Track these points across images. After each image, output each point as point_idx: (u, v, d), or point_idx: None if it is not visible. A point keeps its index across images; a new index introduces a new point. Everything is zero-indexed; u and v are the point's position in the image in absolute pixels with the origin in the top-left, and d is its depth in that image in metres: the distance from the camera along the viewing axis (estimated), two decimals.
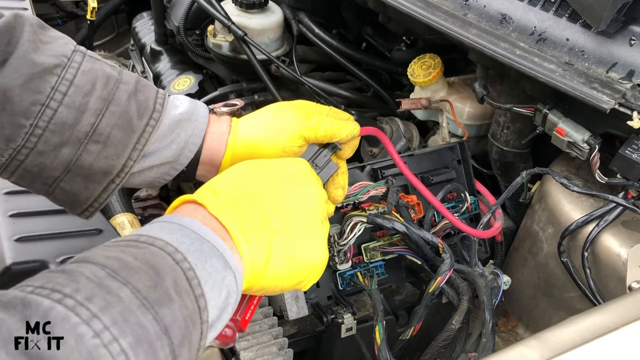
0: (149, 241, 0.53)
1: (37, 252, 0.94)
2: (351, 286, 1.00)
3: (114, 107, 0.71)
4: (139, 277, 0.49)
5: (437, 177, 1.06)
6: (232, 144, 0.80)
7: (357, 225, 0.94)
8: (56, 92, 0.67)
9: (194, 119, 0.78)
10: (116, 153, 0.71)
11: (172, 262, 0.52)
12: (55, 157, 0.69)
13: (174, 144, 0.76)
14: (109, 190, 0.73)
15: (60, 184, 0.71)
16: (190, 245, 0.55)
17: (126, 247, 0.52)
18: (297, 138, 0.79)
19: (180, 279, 0.51)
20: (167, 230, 0.56)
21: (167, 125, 0.76)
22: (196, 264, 0.53)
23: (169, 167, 0.78)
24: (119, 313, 0.46)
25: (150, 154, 0.75)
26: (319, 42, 1.42)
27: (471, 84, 1.23)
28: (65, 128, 0.68)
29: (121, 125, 0.71)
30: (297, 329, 1.04)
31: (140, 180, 0.77)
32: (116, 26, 2.23)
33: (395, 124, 1.31)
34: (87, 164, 0.70)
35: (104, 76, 0.72)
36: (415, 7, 1.06)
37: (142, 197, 1.48)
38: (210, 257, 0.55)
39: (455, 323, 0.89)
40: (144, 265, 0.50)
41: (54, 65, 0.68)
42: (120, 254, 0.51)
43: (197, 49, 1.52)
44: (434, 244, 0.94)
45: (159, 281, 0.50)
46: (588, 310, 0.69)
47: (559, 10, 0.95)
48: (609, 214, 0.94)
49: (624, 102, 0.84)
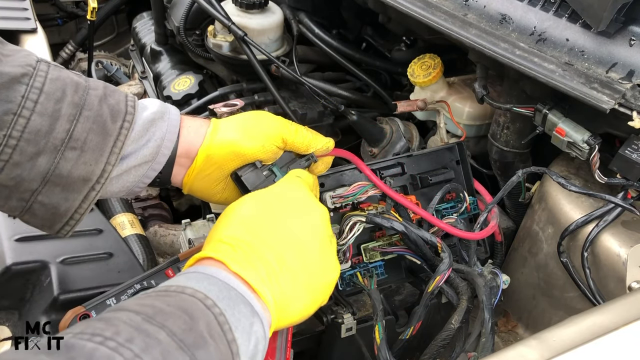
0: (179, 290, 0.56)
1: (37, 252, 0.94)
2: (351, 286, 1.00)
3: (87, 112, 0.70)
4: (174, 321, 0.51)
5: (436, 177, 1.06)
6: (210, 136, 0.80)
7: (356, 225, 0.94)
8: (27, 101, 0.66)
9: (167, 117, 0.78)
10: (94, 158, 0.70)
11: (204, 307, 0.54)
12: (32, 168, 0.67)
13: (150, 142, 0.76)
14: (90, 199, 0.71)
15: (39, 198, 0.69)
16: (218, 292, 0.57)
17: (157, 296, 0.55)
18: (277, 138, 0.81)
19: (212, 324, 0.53)
20: (194, 280, 0.58)
21: (140, 126, 0.76)
22: (226, 310, 0.56)
23: (147, 167, 0.77)
24: (159, 354, 0.47)
25: (127, 156, 0.75)
26: (319, 42, 1.42)
27: (471, 84, 1.23)
28: (40, 136, 0.67)
29: (96, 129, 0.70)
30: (297, 329, 1.04)
31: (119, 186, 0.76)
32: (116, 26, 2.23)
33: (395, 124, 1.31)
34: (66, 171, 0.69)
35: (73, 83, 0.71)
36: (415, 7, 1.06)
37: (142, 197, 1.48)
38: (239, 303, 0.58)
39: (454, 323, 0.89)
40: (178, 310, 0.52)
41: (21, 74, 0.67)
42: (154, 301, 0.53)
43: (197, 49, 1.52)
44: (433, 243, 0.94)
45: (193, 325, 0.52)
46: (588, 310, 0.69)
47: (559, 11, 0.95)
48: (608, 214, 0.94)
49: (623, 102, 0.84)
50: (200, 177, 0.81)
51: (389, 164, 1.05)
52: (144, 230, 1.24)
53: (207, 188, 0.83)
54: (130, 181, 0.77)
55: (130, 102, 0.75)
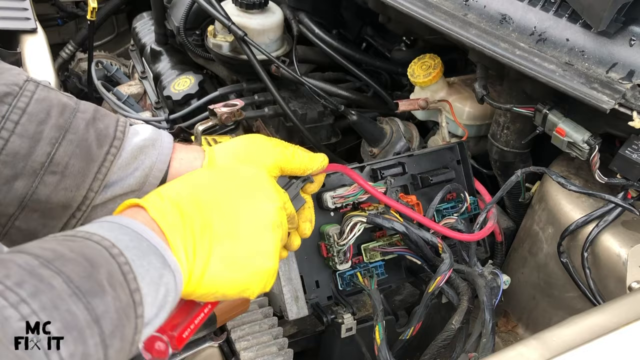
0: (86, 236, 0.53)
1: None
2: (351, 286, 1.00)
3: (72, 136, 0.67)
4: (73, 268, 0.48)
5: (437, 177, 1.06)
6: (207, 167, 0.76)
7: (356, 225, 0.94)
8: (7, 121, 0.64)
9: (158, 145, 0.74)
10: (75, 184, 0.67)
11: (108, 255, 0.52)
12: (9, 192, 0.64)
13: (137, 171, 0.72)
14: (70, 227, 0.68)
15: (16, 223, 0.66)
16: (128, 242, 0.54)
17: (63, 240, 0.52)
18: (274, 168, 0.77)
19: (115, 272, 0.51)
20: (106, 228, 0.55)
21: (129, 152, 0.72)
22: (133, 260, 0.53)
23: (134, 196, 0.73)
24: (48, 300, 0.46)
25: (112, 184, 0.71)
26: (319, 43, 1.42)
27: (471, 84, 1.23)
28: (19, 159, 0.64)
29: (80, 154, 0.67)
30: (297, 329, 1.04)
31: (103, 214, 0.72)
32: (116, 26, 2.23)
33: (395, 124, 1.31)
34: (44, 197, 0.66)
35: (60, 104, 0.68)
36: (415, 7, 1.06)
37: None
38: (149, 254, 0.55)
39: (455, 323, 0.89)
40: (79, 256, 0.50)
41: (5, 93, 0.65)
42: (56, 245, 0.50)
43: (197, 49, 1.52)
44: (434, 243, 0.94)
45: (92, 272, 0.49)
46: (588, 310, 0.69)
47: (559, 11, 0.95)
48: (608, 214, 0.94)
49: (624, 102, 0.84)
50: None
51: (389, 163, 1.05)
52: None
53: None
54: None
55: (121, 126, 0.72)
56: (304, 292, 0.96)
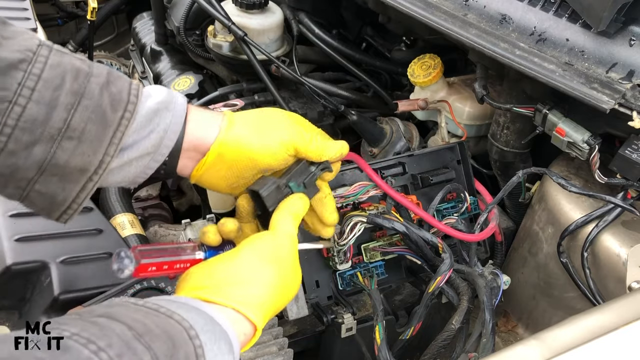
0: (168, 313, 0.58)
1: (37, 252, 0.94)
2: (351, 286, 1.00)
3: (87, 101, 0.68)
4: (159, 345, 0.54)
5: (437, 177, 1.06)
6: (224, 134, 0.78)
7: (357, 225, 0.94)
8: (24, 88, 0.64)
9: (172, 108, 0.76)
10: (92, 149, 0.68)
11: (187, 336, 0.57)
12: (28, 157, 0.66)
13: (152, 134, 0.74)
14: (87, 190, 0.70)
15: (35, 186, 0.68)
16: (203, 325, 0.60)
17: (147, 314, 0.57)
18: (290, 146, 0.79)
19: (190, 354, 0.57)
20: (184, 309, 0.61)
21: (143, 116, 0.73)
22: (206, 343, 0.59)
23: (149, 159, 0.75)
24: None
25: (128, 148, 0.72)
26: (319, 43, 1.42)
27: (471, 84, 1.23)
28: (37, 125, 0.65)
29: (95, 119, 0.68)
30: (297, 329, 1.04)
31: (119, 177, 0.74)
32: (116, 26, 2.23)
33: (395, 124, 1.31)
34: (62, 162, 0.67)
35: (74, 69, 0.68)
36: (415, 7, 1.06)
37: (142, 197, 1.48)
38: (220, 339, 0.61)
39: (455, 323, 0.89)
40: (164, 334, 0.55)
41: (19, 60, 0.65)
42: (145, 319, 0.56)
43: (197, 49, 1.52)
44: (434, 243, 0.94)
45: (174, 352, 0.55)
46: (588, 310, 0.69)
47: (559, 11, 0.95)
48: (608, 214, 0.94)
49: (623, 102, 0.84)
50: (210, 172, 0.79)
51: (390, 163, 1.05)
52: (144, 230, 1.24)
53: (216, 183, 0.81)
54: (131, 173, 0.75)
55: (134, 90, 0.72)
56: (304, 292, 0.96)
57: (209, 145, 0.78)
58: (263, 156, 0.79)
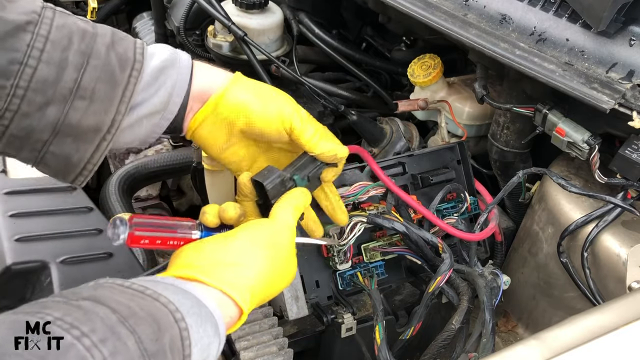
0: (154, 295, 0.58)
1: (37, 252, 0.94)
2: (351, 286, 1.00)
3: (95, 61, 0.68)
4: (144, 329, 0.53)
5: (437, 177, 1.06)
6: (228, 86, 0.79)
7: (357, 225, 0.94)
8: (33, 49, 0.65)
9: (177, 65, 0.76)
10: (104, 108, 0.69)
11: (172, 319, 0.57)
12: (42, 118, 0.66)
13: (160, 91, 0.75)
14: (101, 149, 0.70)
15: (50, 148, 0.69)
16: (190, 307, 0.60)
17: (133, 296, 0.57)
18: (286, 120, 0.79)
19: (175, 338, 0.56)
20: (171, 290, 0.61)
21: (149, 74, 0.74)
22: (192, 326, 0.58)
23: (159, 117, 0.76)
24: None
25: (137, 106, 0.73)
26: (319, 43, 1.42)
27: (471, 84, 1.23)
28: (48, 85, 0.66)
29: (104, 78, 0.69)
30: (297, 329, 1.04)
31: (131, 137, 0.75)
32: (116, 26, 2.22)
33: (395, 124, 1.31)
34: (75, 122, 0.68)
35: (79, 30, 0.69)
36: (415, 7, 1.06)
37: (142, 197, 1.48)
38: (206, 322, 0.61)
39: (455, 323, 0.89)
40: (149, 317, 0.55)
41: (26, 22, 0.65)
42: (130, 302, 0.55)
43: (197, 49, 1.52)
44: (434, 243, 0.95)
45: (159, 336, 0.54)
46: (588, 310, 0.69)
47: (559, 11, 0.95)
48: (608, 214, 0.94)
49: (623, 102, 0.84)
50: (204, 126, 0.79)
51: (390, 163, 1.06)
52: None
53: (208, 140, 0.81)
54: (142, 132, 0.76)
55: (139, 49, 0.73)
56: (304, 292, 0.96)
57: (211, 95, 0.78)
58: (259, 119, 0.79)
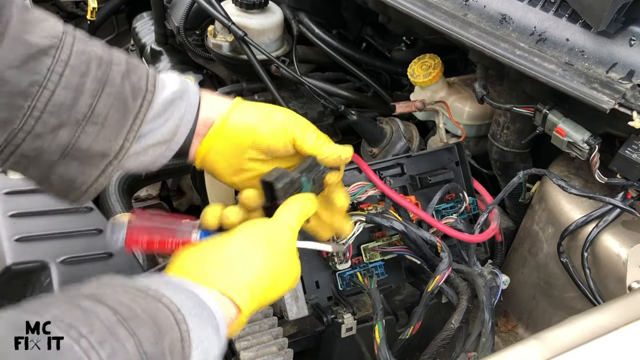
0: (157, 296, 0.58)
1: (37, 252, 0.94)
2: (351, 286, 1.00)
3: (110, 89, 0.70)
4: (144, 331, 0.53)
5: (435, 177, 1.06)
6: (230, 109, 0.80)
7: (356, 225, 0.94)
8: (53, 73, 0.66)
9: (186, 97, 0.78)
10: (114, 134, 0.70)
11: (174, 321, 0.57)
12: (53, 140, 0.68)
13: (168, 122, 0.76)
14: (106, 174, 0.72)
15: (57, 170, 0.70)
16: (191, 308, 0.60)
17: (135, 296, 0.57)
18: (290, 132, 0.81)
19: (176, 340, 0.56)
20: (172, 290, 0.61)
21: (160, 104, 0.75)
22: (193, 329, 0.58)
23: (165, 147, 0.78)
24: None
25: (145, 135, 0.75)
26: (319, 42, 1.42)
27: (471, 84, 1.23)
28: (64, 109, 0.67)
29: (117, 106, 0.70)
30: (297, 329, 1.04)
31: (136, 163, 0.77)
32: (116, 26, 2.23)
33: (395, 124, 1.31)
34: (85, 146, 0.69)
35: (97, 57, 0.71)
36: (415, 7, 1.06)
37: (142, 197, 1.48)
38: (207, 324, 0.61)
39: (454, 323, 0.89)
40: (150, 319, 0.55)
41: (48, 46, 0.67)
42: (131, 302, 0.55)
43: (197, 49, 1.52)
44: (433, 243, 0.95)
45: (159, 339, 0.54)
46: (588, 310, 0.69)
47: (559, 11, 0.95)
48: (608, 214, 0.94)
49: (623, 102, 0.84)
50: (214, 151, 0.81)
51: (388, 164, 1.06)
52: None
53: (218, 164, 0.82)
54: (147, 160, 0.77)
55: (152, 79, 0.75)
56: (304, 292, 0.96)
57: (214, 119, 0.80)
58: (264, 134, 0.80)
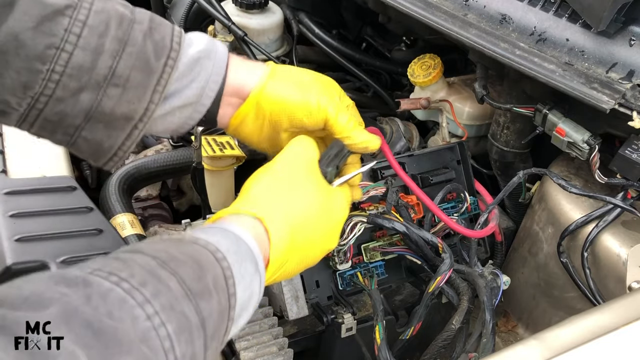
0: (192, 240, 0.58)
1: (37, 252, 0.94)
2: (351, 286, 1.00)
3: (131, 48, 0.68)
4: (185, 270, 0.53)
5: (437, 177, 1.06)
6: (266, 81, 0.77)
7: (357, 225, 0.94)
8: (70, 34, 0.64)
9: (213, 56, 0.75)
10: (137, 96, 0.68)
11: (214, 259, 0.56)
12: (75, 104, 0.66)
13: (194, 82, 0.74)
14: (133, 137, 0.70)
15: (82, 133, 0.68)
16: (229, 245, 0.59)
17: (171, 243, 0.57)
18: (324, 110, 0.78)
19: (219, 276, 0.56)
20: (209, 233, 0.61)
21: (185, 64, 0.73)
22: (233, 265, 0.58)
23: (192, 109, 0.75)
24: (167, 301, 0.49)
25: (171, 96, 0.72)
26: (319, 43, 1.42)
27: (471, 84, 1.23)
28: (83, 72, 0.65)
29: (139, 66, 0.68)
30: (297, 329, 1.04)
31: (164, 126, 0.75)
32: None
33: (395, 124, 1.31)
34: (108, 109, 0.67)
35: (117, 16, 0.68)
36: (415, 7, 1.06)
37: (142, 197, 1.48)
38: (246, 259, 0.60)
39: (455, 323, 0.89)
40: (189, 259, 0.54)
41: (65, 6, 0.65)
42: (168, 247, 0.55)
43: None
44: (434, 243, 0.94)
45: (202, 275, 0.54)
46: (588, 310, 0.70)
47: (559, 11, 0.95)
48: (608, 214, 0.94)
49: (623, 102, 0.84)
50: (247, 121, 0.79)
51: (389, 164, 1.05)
52: (144, 230, 1.24)
53: (250, 134, 0.80)
54: (174, 123, 0.75)
55: (177, 37, 0.72)
56: (304, 292, 0.96)
57: (249, 91, 0.77)
58: (299, 111, 0.78)
